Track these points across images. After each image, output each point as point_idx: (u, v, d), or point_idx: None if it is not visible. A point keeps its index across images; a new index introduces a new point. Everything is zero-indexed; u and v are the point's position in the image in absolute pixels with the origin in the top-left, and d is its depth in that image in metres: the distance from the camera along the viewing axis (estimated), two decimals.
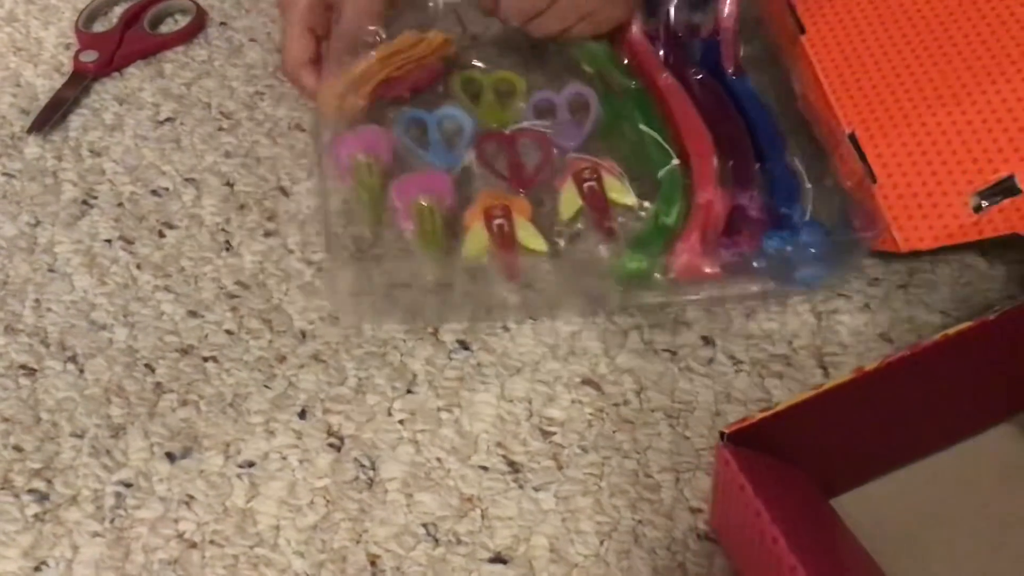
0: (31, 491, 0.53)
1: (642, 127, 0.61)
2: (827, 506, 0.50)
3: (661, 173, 0.59)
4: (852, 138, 0.58)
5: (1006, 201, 0.54)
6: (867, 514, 0.50)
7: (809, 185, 0.59)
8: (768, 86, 0.65)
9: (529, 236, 0.57)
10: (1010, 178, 0.54)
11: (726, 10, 0.64)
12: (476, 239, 0.57)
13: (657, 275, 0.56)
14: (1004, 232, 0.54)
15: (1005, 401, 0.53)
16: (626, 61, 0.67)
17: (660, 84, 0.63)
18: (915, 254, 0.59)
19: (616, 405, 0.56)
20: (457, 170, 0.62)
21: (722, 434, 0.45)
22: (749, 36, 0.66)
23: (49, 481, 0.53)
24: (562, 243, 0.58)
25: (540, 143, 0.63)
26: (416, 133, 0.64)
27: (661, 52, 0.65)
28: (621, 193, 0.59)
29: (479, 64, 0.68)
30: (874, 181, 0.57)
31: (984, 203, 0.54)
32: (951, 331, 0.47)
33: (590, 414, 0.55)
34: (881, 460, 0.51)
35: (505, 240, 0.57)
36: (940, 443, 0.52)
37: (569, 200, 0.59)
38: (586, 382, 0.56)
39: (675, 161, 0.60)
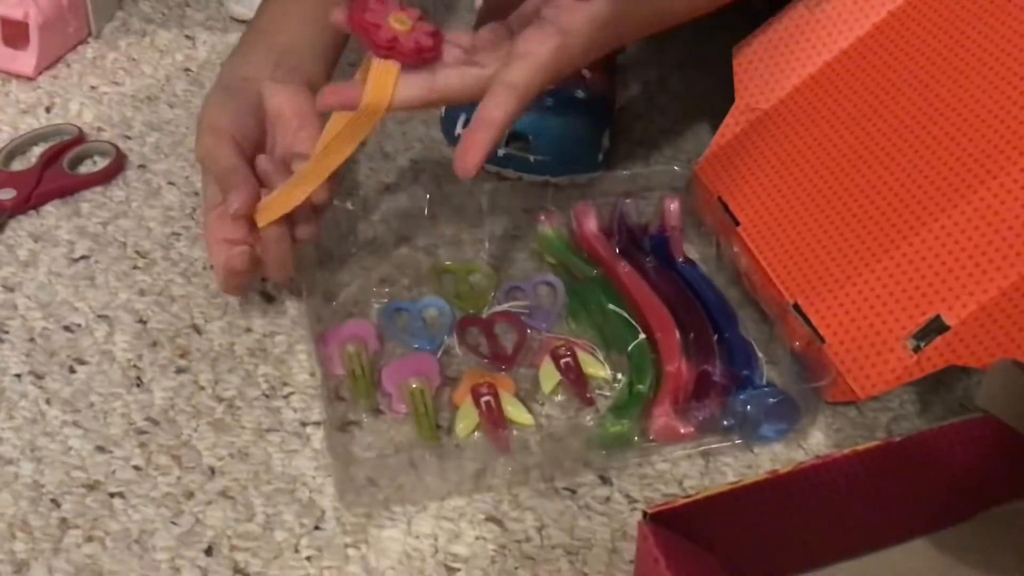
0: None
1: (610, 307, 0.68)
2: None
3: (631, 347, 0.66)
4: (796, 307, 0.65)
5: (939, 339, 0.59)
6: None
7: (761, 354, 0.66)
8: (715, 270, 0.73)
9: (516, 410, 0.62)
10: (937, 317, 0.60)
11: (672, 207, 0.73)
12: (467, 417, 0.61)
13: (636, 437, 0.61)
14: (943, 366, 0.59)
15: (914, 520, 0.56)
16: (585, 253, 0.73)
17: (619, 272, 0.70)
18: None
19: (518, 542, 0.58)
20: (440, 352, 0.66)
21: (644, 513, 0.49)
22: (694, 229, 0.75)
23: None
24: (545, 415, 0.63)
25: (515, 325, 0.68)
26: (400, 322, 0.68)
27: (616, 246, 0.73)
28: (595, 367, 0.65)
29: (451, 263, 0.73)
30: (823, 341, 0.63)
31: (921, 344, 0.60)
32: (860, 447, 0.52)
33: (493, 551, 0.57)
34: (793, 561, 0.54)
35: (494, 416, 0.61)
36: (850, 551, 0.56)
37: (548, 375, 0.65)
38: (490, 519, 0.59)
39: (642, 336, 0.66)
